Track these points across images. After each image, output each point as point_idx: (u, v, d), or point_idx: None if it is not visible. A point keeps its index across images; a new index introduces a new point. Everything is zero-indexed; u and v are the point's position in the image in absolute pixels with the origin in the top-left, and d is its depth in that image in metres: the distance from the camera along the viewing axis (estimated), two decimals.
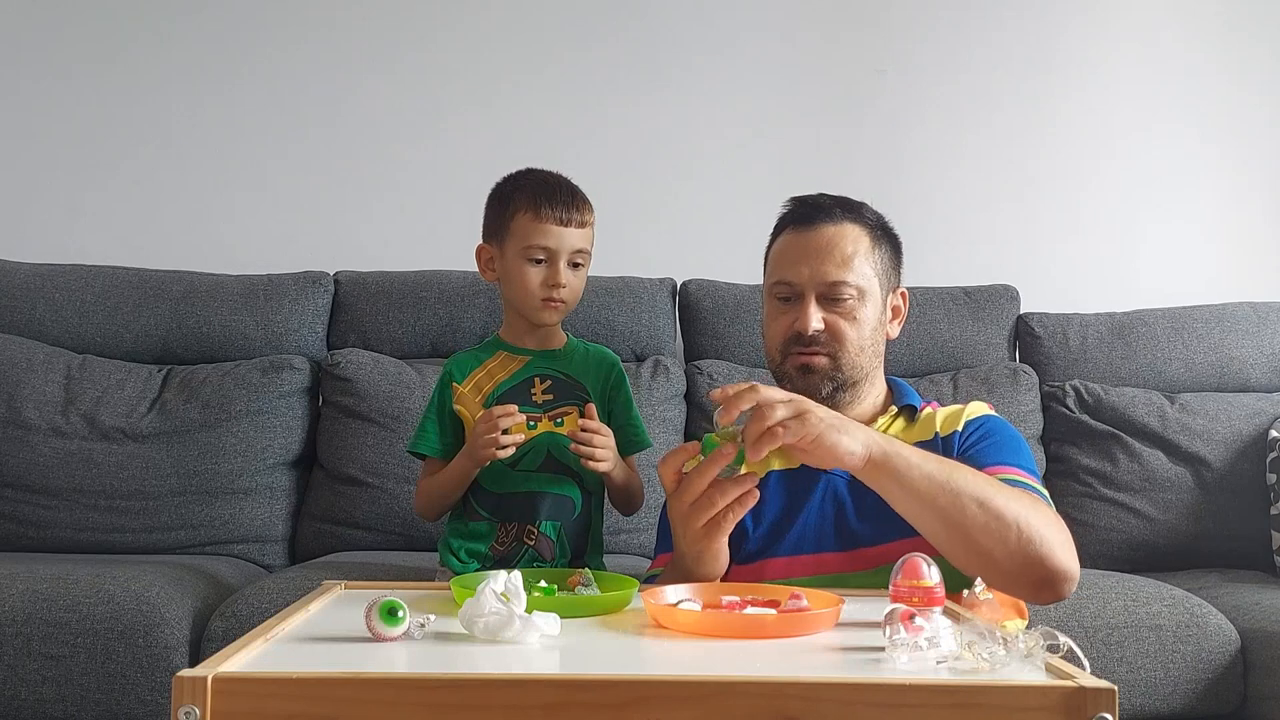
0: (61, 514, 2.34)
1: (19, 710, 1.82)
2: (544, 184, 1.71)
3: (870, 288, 1.56)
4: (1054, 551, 1.33)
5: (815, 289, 1.55)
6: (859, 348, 1.55)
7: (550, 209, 1.68)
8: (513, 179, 1.75)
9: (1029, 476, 1.47)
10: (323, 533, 2.40)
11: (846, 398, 1.57)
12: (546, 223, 1.67)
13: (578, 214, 1.69)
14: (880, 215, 1.64)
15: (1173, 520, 2.41)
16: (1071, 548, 1.36)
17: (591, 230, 1.72)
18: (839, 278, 1.54)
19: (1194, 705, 1.92)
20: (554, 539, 1.70)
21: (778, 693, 0.87)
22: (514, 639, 1.02)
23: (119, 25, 2.88)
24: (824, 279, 1.54)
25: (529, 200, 1.69)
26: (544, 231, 1.68)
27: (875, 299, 1.57)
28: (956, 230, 2.87)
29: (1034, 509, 1.34)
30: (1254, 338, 2.61)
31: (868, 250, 1.57)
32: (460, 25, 2.91)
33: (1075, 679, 0.88)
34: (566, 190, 1.71)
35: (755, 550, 1.54)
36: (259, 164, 2.87)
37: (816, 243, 1.56)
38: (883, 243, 1.60)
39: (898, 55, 2.94)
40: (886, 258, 1.60)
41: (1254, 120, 2.94)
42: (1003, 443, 1.53)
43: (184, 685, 0.84)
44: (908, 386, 1.65)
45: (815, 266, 1.55)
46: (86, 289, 2.59)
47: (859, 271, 1.55)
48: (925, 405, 1.62)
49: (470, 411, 1.72)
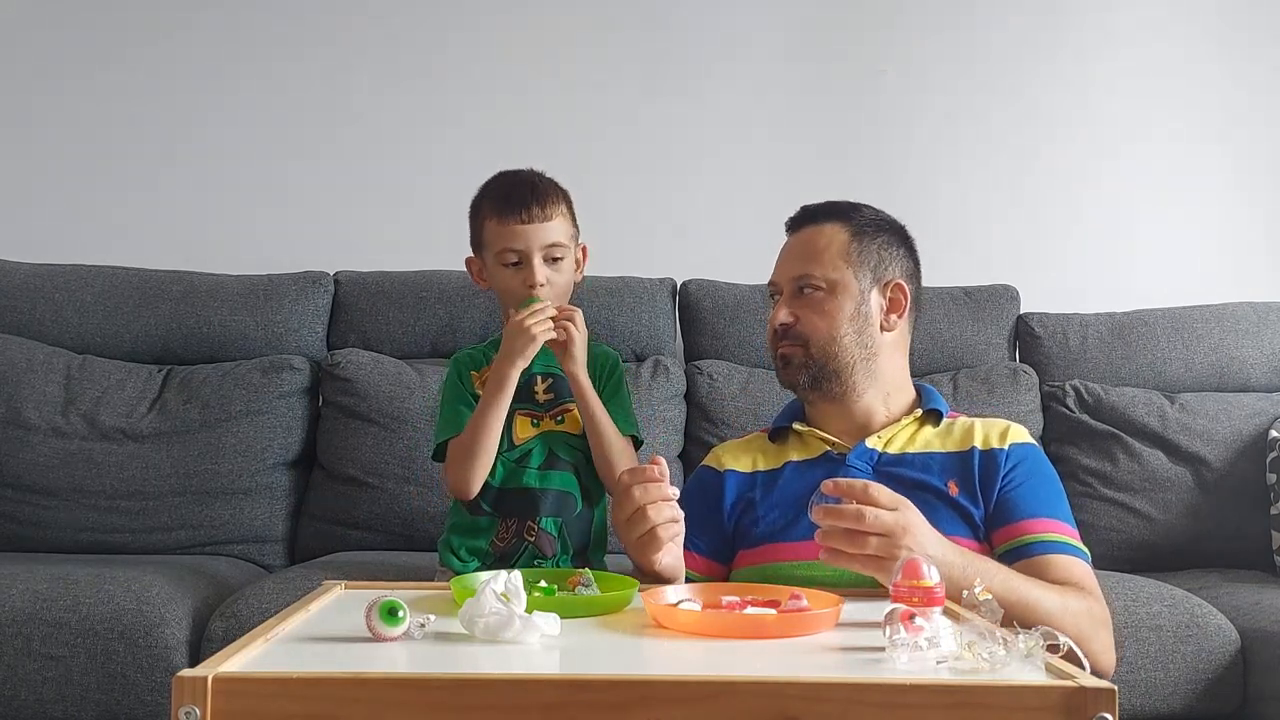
0: (61, 514, 2.34)
1: (19, 710, 1.82)
2: (505, 186, 1.73)
3: (843, 280, 1.61)
4: (1098, 661, 1.37)
5: (788, 285, 1.64)
6: (830, 338, 1.60)
7: (510, 210, 1.69)
8: (483, 186, 1.77)
9: (1071, 533, 1.53)
10: (323, 533, 2.40)
11: (836, 388, 1.63)
12: (510, 224, 1.68)
13: (539, 209, 1.69)
14: (879, 213, 1.69)
15: (1173, 520, 2.41)
16: (1111, 639, 1.45)
17: (563, 221, 1.72)
18: (803, 271, 1.62)
19: (1194, 705, 1.92)
20: (555, 535, 1.71)
21: (778, 693, 0.87)
22: (514, 639, 1.02)
23: (119, 26, 2.88)
24: (792, 274, 1.64)
25: (491, 206, 1.71)
26: (509, 234, 1.69)
27: (850, 292, 1.61)
28: (956, 230, 2.87)
29: (1068, 610, 1.39)
30: (1254, 338, 2.61)
31: (843, 246, 1.62)
32: (461, 26, 2.91)
33: (1075, 679, 0.89)
34: (525, 187, 1.71)
35: (765, 534, 1.58)
36: (259, 164, 2.87)
37: (795, 244, 1.67)
38: (870, 238, 1.64)
39: (898, 55, 2.94)
40: (873, 252, 1.64)
41: (1254, 120, 2.94)
42: (1044, 485, 1.57)
43: (184, 685, 0.84)
44: (936, 393, 1.69)
45: (788, 265, 1.66)
46: (86, 289, 2.59)
47: (829, 265, 1.62)
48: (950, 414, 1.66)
49: None
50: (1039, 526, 1.51)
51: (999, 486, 1.54)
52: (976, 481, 1.55)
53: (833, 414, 1.65)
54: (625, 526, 1.34)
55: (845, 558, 1.28)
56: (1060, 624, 1.27)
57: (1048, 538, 1.50)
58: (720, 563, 1.63)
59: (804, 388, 1.63)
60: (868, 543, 1.27)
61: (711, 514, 1.62)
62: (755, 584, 1.33)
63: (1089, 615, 1.43)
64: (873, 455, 1.60)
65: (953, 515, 1.52)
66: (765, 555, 1.57)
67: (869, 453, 1.60)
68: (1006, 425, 1.62)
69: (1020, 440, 1.60)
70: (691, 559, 1.55)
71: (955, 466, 1.57)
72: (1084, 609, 1.42)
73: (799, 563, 1.51)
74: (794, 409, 1.72)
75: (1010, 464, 1.56)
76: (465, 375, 1.76)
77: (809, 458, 1.64)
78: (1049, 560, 1.48)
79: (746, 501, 1.63)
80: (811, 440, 1.65)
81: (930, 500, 1.50)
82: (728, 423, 2.45)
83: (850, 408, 1.64)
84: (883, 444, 1.61)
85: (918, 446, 1.61)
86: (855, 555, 1.28)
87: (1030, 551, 1.49)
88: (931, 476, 1.56)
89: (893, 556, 1.25)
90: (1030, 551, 1.49)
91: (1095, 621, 1.44)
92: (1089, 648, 1.30)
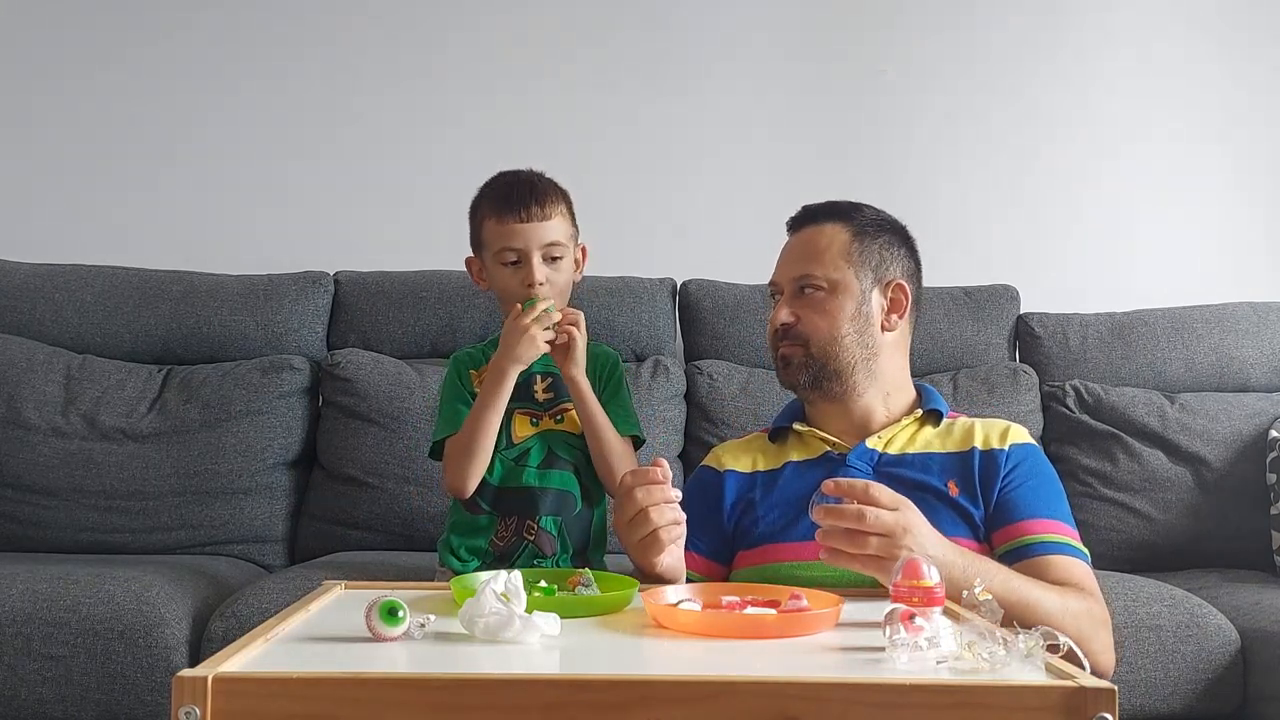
0: (61, 514, 2.34)
1: (19, 710, 1.82)
2: (503, 186, 1.73)
3: (844, 280, 1.61)
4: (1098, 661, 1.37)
5: (788, 285, 1.64)
6: (831, 338, 1.60)
7: (509, 209, 1.69)
8: (482, 187, 1.77)
9: (1071, 533, 1.53)
10: (323, 533, 2.40)
11: (836, 388, 1.63)
12: (509, 223, 1.68)
13: (538, 208, 1.69)
14: (879, 213, 1.69)
15: (1173, 520, 2.41)
16: (1110, 640, 1.45)
17: (563, 220, 1.72)
18: (804, 271, 1.62)
19: (1194, 705, 1.92)
20: (554, 534, 1.71)
21: (778, 693, 0.87)
22: (514, 639, 1.02)
23: (119, 25, 2.88)
24: (793, 274, 1.64)
25: (490, 205, 1.71)
26: (508, 233, 1.68)
27: (852, 292, 1.61)
28: (956, 230, 2.87)
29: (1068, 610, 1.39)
30: (1254, 338, 2.61)
31: (844, 246, 1.62)
32: (461, 26, 2.91)
33: (1075, 679, 0.89)
34: (524, 187, 1.71)
35: (765, 534, 1.58)
36: (259, 164, 2.87)
37: (796, 244, 1.67)
38: (872, 238, 1.64)
39: (898, 55, 2.94)
40: (874, 252, 1.64)
41: (1253, 120, 2.94)
42: (1044, 486, 1.57)
43: (184, 685, 0.84)
44: (936, 393, 1.69)
45: (789, 264, 1.65)
46: (86, 289, 2.59)
47: (829, 265, 1.61)
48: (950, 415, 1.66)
49: None
50: (1039, 527, 1.51)
51: (999, 487, 1.55)
52: (976, 482, 1.55)
53: (833, 414, 1.65)
54: (627, 529, 1.34)
55: (845, 558, 1.28)
56: (1060, 624, 1.27)
57: (1048, 538, 1.50)
58: (720, 563, 1.63)
59: (804, 387, 1.63)
60: (868, 543, 1.27)
61: (711, 514, 1.62)
62: (755, 584, 1.33)
63: (1089, 616, 1.43)
64: (873, 455, 1.60)
65: (953, 516, 1.53)
66: (765, 555, 1.57)
67: (869, 453, 1.60)
68: (1007, 425, 1.62)
69: (1020, 441, 1.60)
70: (691, 559, 1.55)
71: (955, 467, 1.57)
72: (1084, 609, 1.42)
73: (799, 563, 1.51)
74: (794, 409, 1.72)
75: (1010, 464, 1.56)
76: (464, 374, 1.76)
77: (809, 458, 1.64)
78: (1049, 561, 1.48)
79: (746, 502, 1.63)
80: (811, 440, 1.65)
81: (930, 501, 1.50)
82: (728, 423, 2.45)
83: (850, 407, 1.64)
84: (883, 444, 1.61)
85: (918, 447, 1.61)
86: (856, 555, 1.28)
87: (1030, 552, 1.49)
88: (931, 477, 1.56)
89: (893, 556, 1.25)
90: (1030, 552, 1.49)
91: (1095, 622, 1.44)
92: (1089, 648, 1.30)
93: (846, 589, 1.27)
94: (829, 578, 1.40)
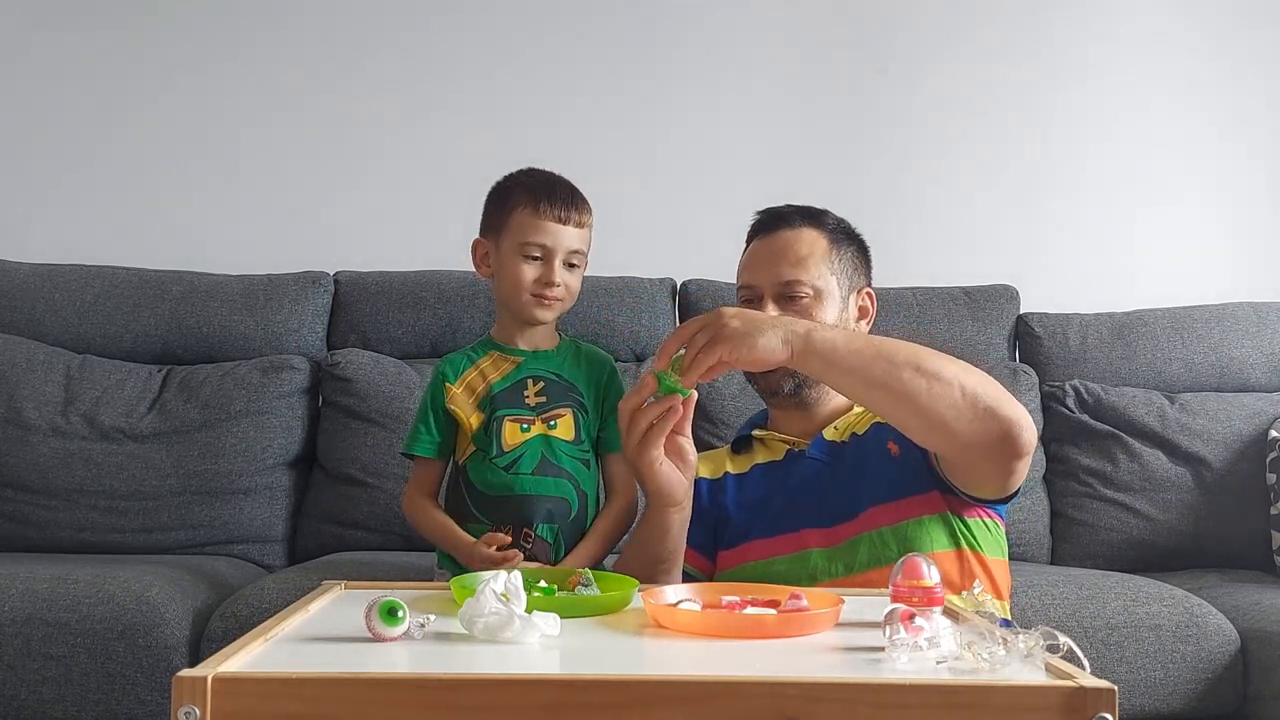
0: (61, 514, 2.34)
1: (19, 710, 1.82)
2: (546, 181, 1.72)
3: (827, 288, 1.63)
4: (1001, 402, 1.36)
5: (772, 290, 1.63)
6: None
7: (550, 206, 1.67)
8: (515, 175, 1.75)
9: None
10: (322, 533, 2.40)
11: (812, 395, 1.65)
12: (545, 219, 1.67)
13: (576, 214, 1.69)
14: (843, 220, 1.71)
15: (1173, 520, 2.41)
16: (1014, 398, 1.40)
17: (589, 233, 1.72)
18: (793, 277, 1.62)
19: (1194, 705, 1.92)
20: (550, 542, 1.68)
21: (778, 693, 0.87)
22: (514, 639, 1.02)
23: (119, 26, 2.88)
24: (779, 279, 1.62)
25: (529, 196, 1.69)
26: (542, 228, 1.67)
27: (834, 299, 1.63)
28: (956, 230, 2.87)
29: (968, 368, 1.38)
30: (1254, 338, 2.61)
31: (825, 253, 1.64)
32: (460, 25, 2.91)
33: (1075, 679, 0.88)
34: (567, 189, 1.71)
35: (739, 534, 1.61)
36: (259, 164, 2.87)
37: (774, 247, 1.65)
38: (844, 246, 1.67)
39: (898, 55, 2.94)
40: (848, 260, 1.67)
41: (1254, 120, 2.94)
42: None
43: (184, 685, 0.84)
44: None
45: (772, 269, 1.64)
46: (86, 289, 2.59)
47: (814, 272, 1.62)
48: None
49: (464, 412, 1.70)
50: None
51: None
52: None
53: (796, 418, 1.68)
54: (628, 436, 1.38)
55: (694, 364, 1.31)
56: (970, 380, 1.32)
57: None
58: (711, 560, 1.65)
59: (785, 393, 1.65)
60: (694, 340, 1.32)
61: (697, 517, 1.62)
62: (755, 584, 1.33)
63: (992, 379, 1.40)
64: (829, 446, 1.63)
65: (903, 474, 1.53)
66: (742, 555, 1.59)
67: (826, 444, 1.63)
68: None
69: None
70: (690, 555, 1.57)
71: (889, 429, 1.55)
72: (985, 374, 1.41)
73: (775, 558, 1.54)
74: (752, 421, 1.76)
75: None
76: (439, 388, 1.73)
77: (774, 459, 1.67)
78: None
79: (719, 505, 1.66)
80: (773, 443, 1.68)
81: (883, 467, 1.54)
82: (728, 422, 2.45)
83: (816, 412, 1.67)
84: (839, 434, 1.64)
85: (864, 426, 1.63)
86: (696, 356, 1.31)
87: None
88: (876, 447, 1.58)
89: (718, 335, 1.29)
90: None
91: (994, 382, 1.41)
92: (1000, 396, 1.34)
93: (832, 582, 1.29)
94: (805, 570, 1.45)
